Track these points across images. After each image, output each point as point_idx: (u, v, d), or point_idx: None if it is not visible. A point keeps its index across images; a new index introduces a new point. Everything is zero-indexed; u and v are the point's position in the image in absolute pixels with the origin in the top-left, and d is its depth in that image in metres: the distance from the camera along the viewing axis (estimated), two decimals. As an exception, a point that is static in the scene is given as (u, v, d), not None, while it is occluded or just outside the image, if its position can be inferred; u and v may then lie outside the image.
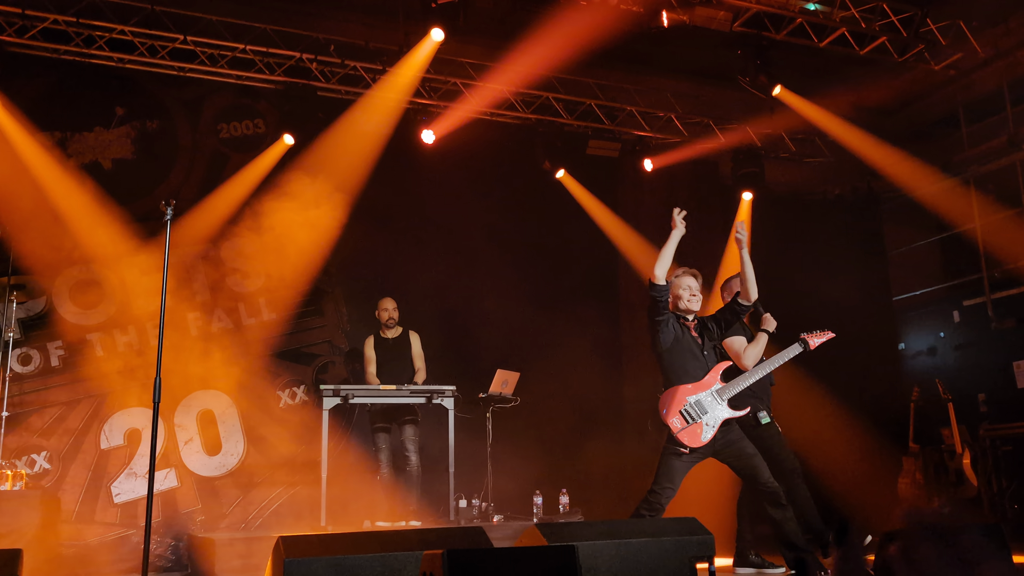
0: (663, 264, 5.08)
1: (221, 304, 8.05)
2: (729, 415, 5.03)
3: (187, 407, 7.80)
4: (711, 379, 5.08)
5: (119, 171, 7.91)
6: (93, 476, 7.39)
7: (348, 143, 8.34)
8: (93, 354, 7.58)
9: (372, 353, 7.49)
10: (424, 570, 3.00)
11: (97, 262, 7.59)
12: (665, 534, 3.92)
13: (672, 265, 5.17)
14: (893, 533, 3.99)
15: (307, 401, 8.11)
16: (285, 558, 3.22)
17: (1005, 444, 8.27)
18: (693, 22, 7.57)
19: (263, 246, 8.08)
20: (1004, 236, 9.07)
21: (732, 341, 5.57)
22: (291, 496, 7.89)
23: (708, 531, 4.10)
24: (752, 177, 9.57)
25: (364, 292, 8.22)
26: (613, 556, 3.63)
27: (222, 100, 8.44)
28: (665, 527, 4.08)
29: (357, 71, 8.31)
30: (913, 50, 8.17)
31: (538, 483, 7.72)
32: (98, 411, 7.53)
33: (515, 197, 9.20)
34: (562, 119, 9.08)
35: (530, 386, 7.96)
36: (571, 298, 9.08)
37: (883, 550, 3.91)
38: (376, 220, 8.52)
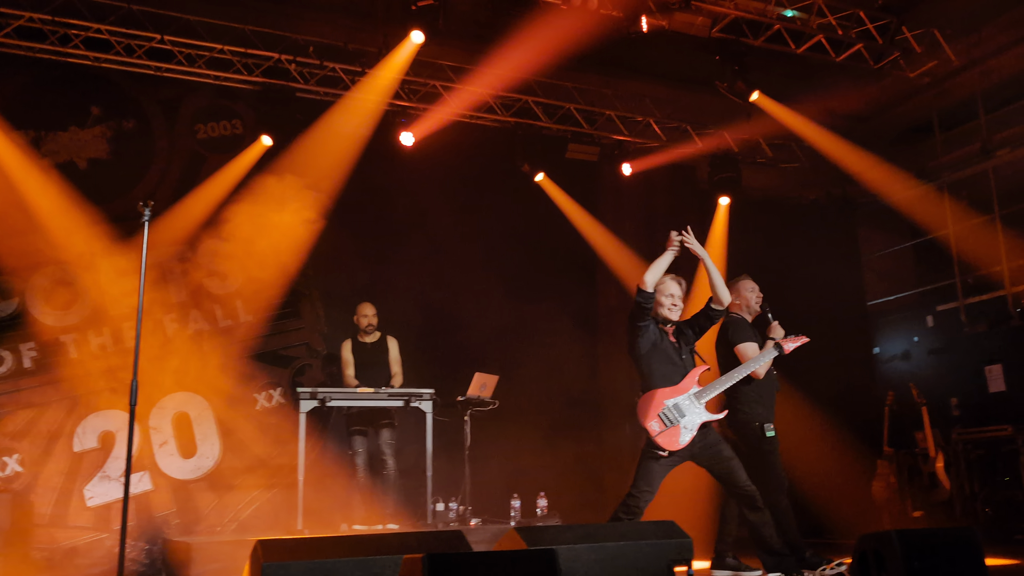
0: (655, 273, 5.11)
1: (197, 306, 7.99)
2: (707, 418, 5.05)
3: (162, 409, 7.73)
4: (688, 383, 5.11)
5: (94, 171, 7.83)
6: (66, 479, 7.30)
7: (327, 145, 8.30)
8: (67, 356, 7.50)
9: (350, 356, 7.47)
10: (404, 573, 2.99)
11: (71, 263, 7.51)
12: (644, 537, 3.93)
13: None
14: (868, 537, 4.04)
15: (284, 404, 8.06)
16: (263, 562, 3.19)
17: (977, 448, 8.37)
18: (672, 27, 7.61)
19: (240, 248, 8.02)
20: (977, 242, 9.19)
21: (745, 348, 5.59)
22: (267, 499, 7.84)
23: (686, 534, 4.12)
24: (729, 182, 9.63)
25: (342, 294, 8.20)
26: (592, 560, 3.64)
27: (199, 100, 8.38)
28: (644, 530, 4.09)
29: (336, 72, 8.28)
30: (889, 57, 8.27)
31: (516, 486, 7.73)
32: (71, 413, 7.44)
33: (494, 200, 9.21)
34: (541, 123, 9.09)
35: (509, 389, 7.96)
36: (550, 301, 9.09)
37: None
38: (354, 222, 8.49)
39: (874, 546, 3.81)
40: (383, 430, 7.33)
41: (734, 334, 5.64)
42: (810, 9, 7.73)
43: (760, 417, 5.51)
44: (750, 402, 5.55)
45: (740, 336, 5.62)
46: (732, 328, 5.70)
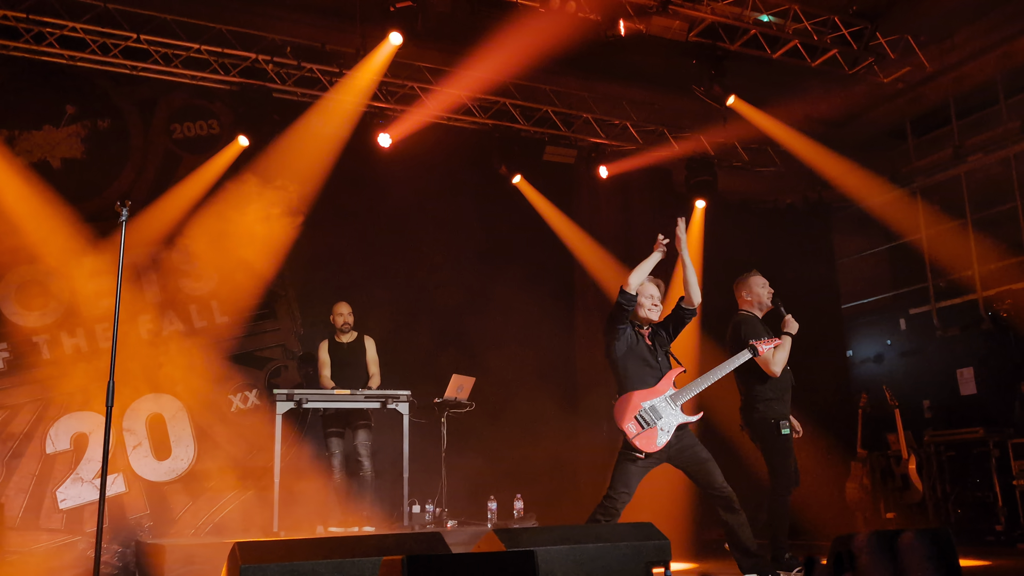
0: (639, 275, 5.13)
1: (172, 307, 7.93)
2: (683, 420, 5.08)
3: (136, 411, 7.67)
4: (664, 385, 5.13)
5: (69, 170, 7.75)
6: (38, 481, 7.22)
7: (304, 146, 8.27)
8: (39, 357, 7.41)
9: (326, 357, 7.44)
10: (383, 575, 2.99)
11: (45, 263, 7.43)
12: (622, 539, 3.95)
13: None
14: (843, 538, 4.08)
15: (259, 405, 8.02)
16: (241, 564, 3.18)
17: (949, 450, 8.47)
18: (649, 31, 7.65)
19: (216, 248, 7.98)
20: (949, 246, 9.31)
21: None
22: (243, 501, 7.79)
23: (664, 536, 4.14)
24: (705, 185, 9.69)
25: (319, 296, 8.17)
26: (570, 561, 3.65)
27: (176, 100, 8.32)
28: (622, 532, 4.11)
29: (313, 73, 8.25)
30: (863, 63, 8.35)
31: (493, 488, 7.73)
32: (44, 415, 7.36)
33: (471, 202, 9.22)
34: (519, 125, 9.11)
35: (486, 391, 7.96)
36: (527, 303, 9.10)
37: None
38: (331, 223, 8.47)
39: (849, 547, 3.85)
40: (359, 431, 7.31)
41: (744, 332, 5.62)
42: (786, 14, 7.80)
43: (776, 414, 5.53)
44: (766, 400, 5.56)
45: (749, 333, 5.59)
46: (742, 326, 5.68)
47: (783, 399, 5.63)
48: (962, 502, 8.21)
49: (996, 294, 8.87)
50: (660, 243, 5.21)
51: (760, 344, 5.44)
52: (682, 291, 5.35)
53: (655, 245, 5.21)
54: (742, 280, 6.03)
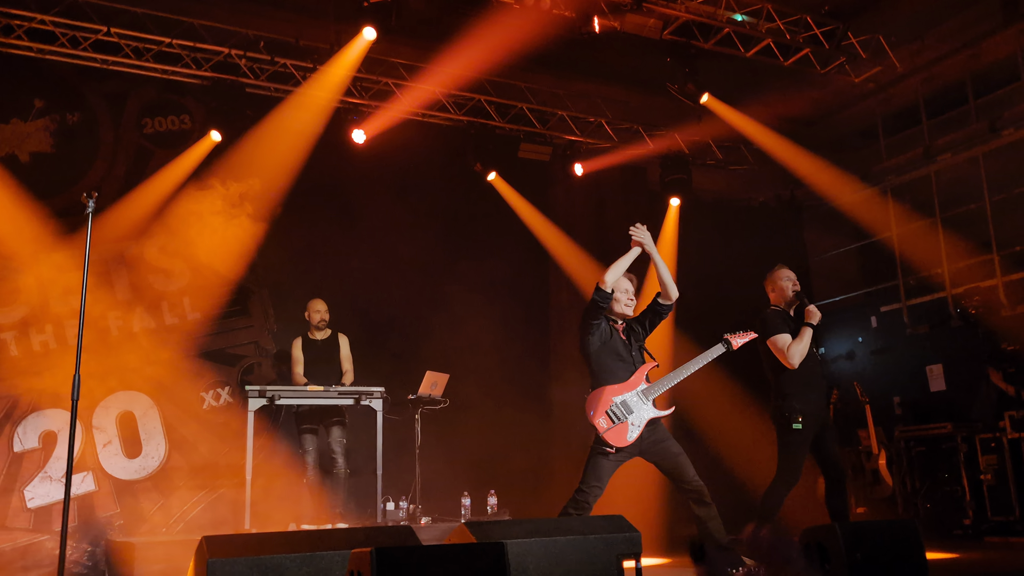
0: (615, 272, 5.14)
1: (143, 303, 7.85)
2: (654, 415, 5.09)
3: (106, 408, 7.58)
4: (637, 380, 5.14)
5: (37, 165, 7.65)
6: (5, 480, 7.13)
7: (277, 141, 8.22)
8: (7, 354, 7.32)
9: (300, 354, 7.41)
10: (352, 568, 2.98)
11: (12, 258, 7.33)
12: (593, 532, 3.95)
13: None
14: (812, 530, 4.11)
15: (231, 402, 7.96)
16: (208, 558, 3.15)
17: (919, 445, 8.57)
18: (624, 29, 7.68)
19: (187, 244, 7.92)
20: (919, 245, 9.42)
21: (777, 339, 5.59)
22: (214, 499, 7.73)
23: (635, 528, 4.15)
24: (679, 183, 9.74)
25: (292, 292, 8.12)
26: (541, 554, 3.66)
27: (147, 94, 8.24)
28: (593, 525, 4.12)
29: (287, 68, 8.20)
30: (835, 62, 8.43)
31: (466, 484, 7.72)
32: (11, 412, 7.26)
33: (446, 199, 9.21)
34: (494, 122, 9.10)
35: (460, 388, 7.95)
36: (501, 300, 9.10)
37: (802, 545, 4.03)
38: (305, 219, 8.43)
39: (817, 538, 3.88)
40: (333, 428, 7.28)
41: (767, 328, 5.61)
42: (759, 14, 7.85)
43: (790, 408, 5.49)
44: (784, 394, 5.54)
45: (771, 328, 5.58)
46: (764, 322, 5.67)
47: (805, 394, 5.55)
48: (931, 496, 8.31)
49: (965, 291, 8.98)
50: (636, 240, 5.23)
51: (734, 338, 5.45)
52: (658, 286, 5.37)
53: (632, 243, 5.23)
54: (768, 275, 6.01)
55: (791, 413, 5.49)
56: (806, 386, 5.58)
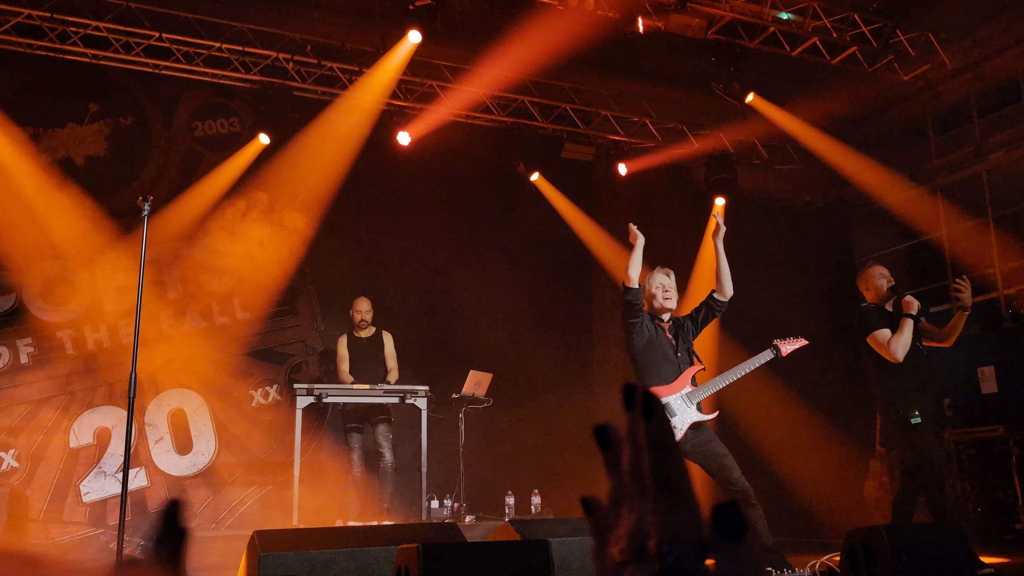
0: (634, 267, 5.16)
1: (194, 303, 8.02)
2: (698, 419, 5.07)
3: (158, 406, 7.75)
4: (682, 382, 5.13)
5: (92, 167, 7.86)
6: (62, 475, 7.32)
7: (324, 144, 8.34)
8: (63, 352, 7.51)
9: (345, 352, 7.50)
10: (399, 564, 3.03)
11: (69, 259, 7.54)
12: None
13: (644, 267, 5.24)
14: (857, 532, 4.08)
15: (280, 400, 8.09)
16: (260, 552, 3.23)
17: (969, 448, 8.42)
18: (668, 29, 7.65)
19: (237, 245, 8.08)
20: (969, 245, 9.24)
21: (877, 334, 5.37)
22: (263, 496, 7.87)
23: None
24: (724, 183, 9.68)
25: (338, 292, 8.23)
26: (585, 552, 3.67)
27: (197, 98, 8.41)
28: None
29: (333, 72, 8.32)
30: (883, 60, 8.32)
31: (510, 484, 7.76)
32: (67, 409, 7.46)
33: (489, 199, 9.26)
34: (537, 123, 9.13)
35: (503, 387, 7.99)
36: (544, 300, 9.13)
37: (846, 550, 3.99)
38: (351, 220, 8.54)
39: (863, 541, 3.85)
40: (380, 424, 7.36)
41: (865, 324, 5.42)
42: (805, 12, 7.78)
43: (905, 404, 5.23)
44: (892, 392, 5.30)
45: (869, 325, 5.39)
46: (861, 320, 5.49)
47: (916, 389, 5.27)
48: (982, 501, 8.16)
49: (1017, 292, 8.81)
50: (632, 231, 5.25)
51: (784, 344, 5.38)
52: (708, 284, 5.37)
53: (630, 237, 5.24)
54: (861, 273, 5.82)
55: (906, 409, 5.19)
56: (915, 380, 5.31)
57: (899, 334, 5.27)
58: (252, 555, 3.33)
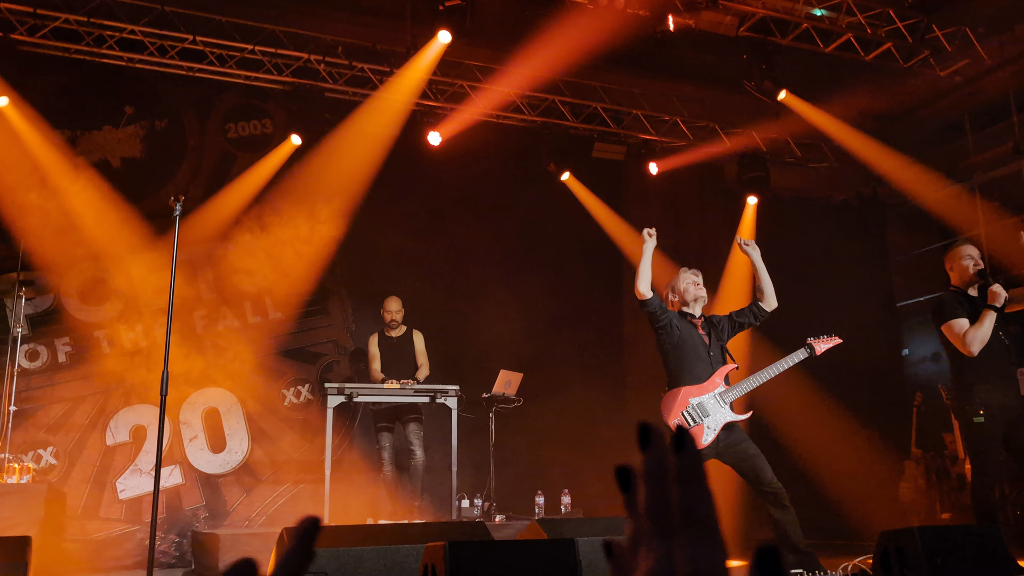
0: (643, 278, 5.14)
1: (227, 302, 8.10)
2: (732, 419, 5.03)
3: (192, 404, 7.84)
4: (715, 381, 5.09)
5: (128, 169, 7.97)
6: (98, 472, 7.43)
7: (355, 144, 8.39)
8: (100, 351, 7.62)
9: (376, 351, 7.53)
10: (426, 562, 3.04)
11: (105, 259, 7.65)
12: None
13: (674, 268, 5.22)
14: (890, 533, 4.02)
15: (311, 400, 8.15)
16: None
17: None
18: (699, 26, 7.61)
19: (269, 245, 8.15)
20: (1008, 243, 9.07)
21: (952, 324, 4.99)
22: (295, 494, 7.93)
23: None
24: (757, 182, 9.60)
25: (370, 292, 8.27)
26: (613, 552, 3.65)
27: (230, 100, 8.50)
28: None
29: (364, 73, 8.36)
30: (919, 56, 8.21)
31: (540, 484, 7.76)
32: (104, 407, 7.57)
33: (520, 199, 9.25)
34: (568, 122, 9.12)
35: (533, 387, 7.99)
36: (575, 300, 9.12)
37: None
38: (382, 220, 8.57)
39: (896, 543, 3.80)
40: (410, 423, 7.37)
41: (943, 312, 5.06)
42: (839, 8, 7.69)
43: (971, 401, 4.92)
44: (964, 384, 5.00)
45: (947, 312, 5.02)
46: (939, 306, 5.13)
47: (989, 384, 4.90)
48: (1020, 504, 8.01)
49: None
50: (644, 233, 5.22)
51: (818, 343, 5.30)
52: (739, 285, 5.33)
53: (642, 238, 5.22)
54: (948, 252, 5.37)
55: (971, 406, 4.91)
56: (990, 375, 4.92)
57: (977, 326, 4.88)
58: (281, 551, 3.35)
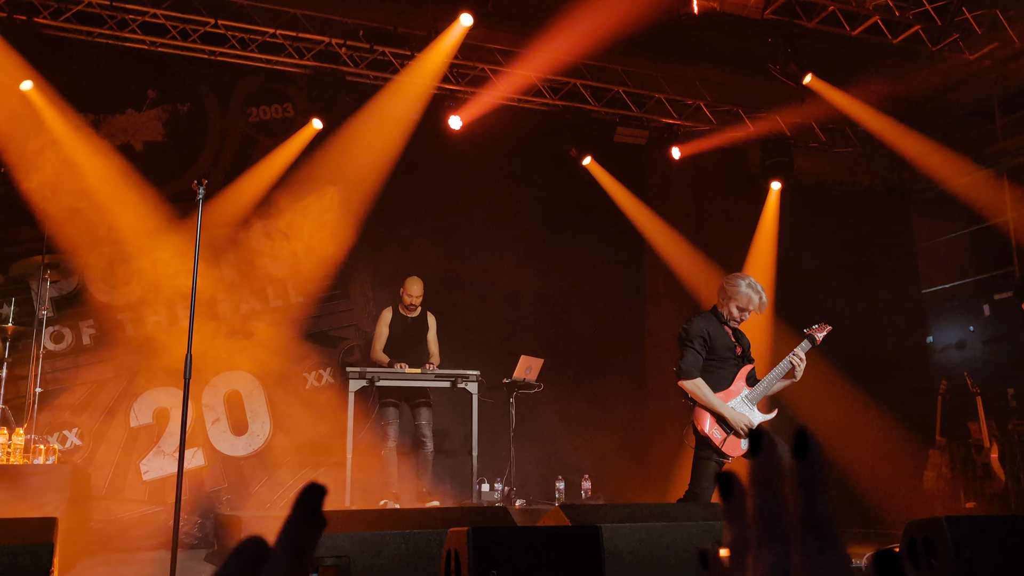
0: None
1: (249, 286, 8.12)
2: (761, 419, 4.96)
3: (214, 388, 7.88)
4: (739, 385, 5.00)
5: (150, 153, 7.99)
6: (123, 454, 7.49)
7: (376, 128, 8.38)
8: (124, 334, 7.67)
9: (385, 329, 7.39)
10: (449, 547, 3.03)
11: (128, 242, 7.68)
12: (690, 518, 3.92)
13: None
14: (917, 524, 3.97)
15: (333, 383, 8.17)
16: (312, 533, 3.25)
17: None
18: (724, 9, 7.51)
19: (291, 229, 8.16)
20: (1037, 229, 8.96)
21: None
22: (316, 477, 7.93)
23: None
24: (781, 166, 9.50)
25: (391, 276, 8.26)
26: (637, 539, 3.64)
27: (252, 84, 8.49)
28: (690, 511, 4.08)
29: (385, 56, 8.33)
30: (947, 39, 8.07)
31: (560, 469, 7.75)
32: (128, 390, 7.62)
33: (541, 183, 9.21)
34: (590, 106, 9.06)
35: (554, 372, 7.97)
36: (596, 285, 9.08)
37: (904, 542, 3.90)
38: (403, 205, 8.57)
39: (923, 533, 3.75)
40: (421, 409, 7.26)
41: None
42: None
43: None
44: None
45: None
46: None
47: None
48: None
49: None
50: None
51: (816, 332, 5.20)
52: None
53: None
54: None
55: None
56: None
57: None
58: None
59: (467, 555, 2.86)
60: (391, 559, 3.23)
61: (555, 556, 2.93)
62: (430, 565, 3.24)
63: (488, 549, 2.87)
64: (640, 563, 3.55)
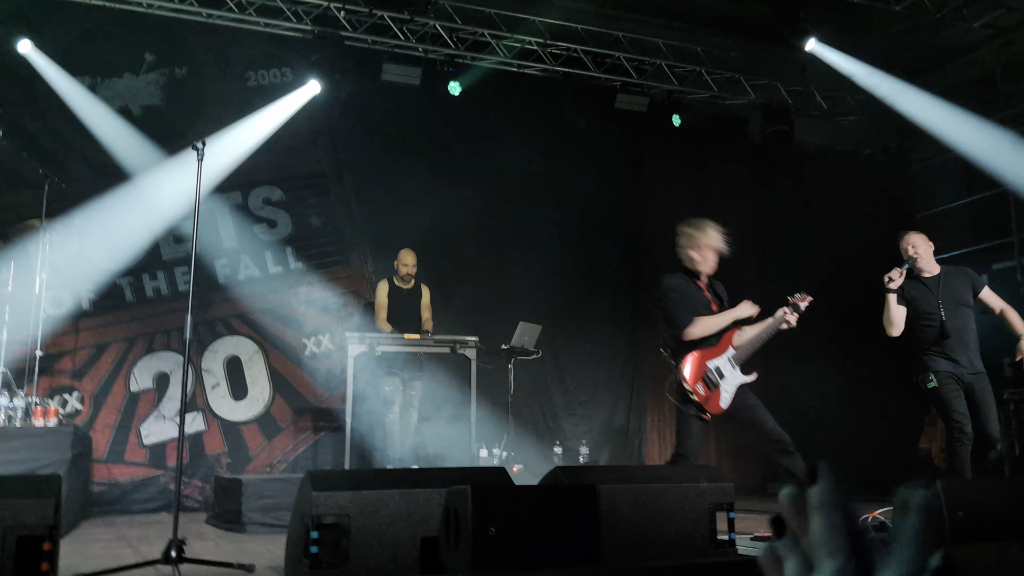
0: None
1: (247, 251, 8.11)
2: (744, 381, 4.96)
3: (214, 353, 7.91)
4: (725, 343, 5.01)
5: (148, 117, 7.94)
6: (123, 418, 7.53)
7: (375, 93, 8.32)
8: (123, 299, 7.68)
9: (385, 300, 7.46)
10: (448, 506, 3.06)
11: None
12: (686, 480, 3.95)
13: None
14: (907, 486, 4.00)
15: (332, 349, 8.19)
16: (312, 491, 3.28)
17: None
18: (726, -26, 7.46)
19: (290, 194, 8.14)
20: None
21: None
22: (315, 442, 8.01)
23: (729, 479, 4.13)
24: (782, 135, 9.47)
25: (389, 243, 8.24)
26: (633, 500, 3.68)
27: (250, 48, 8.43)
28: (685, 474, 4.12)
29: (384, 20, 8.26)
30: (951, 6, 8.01)
31: (558, 434, 7.80)
32: (128, 354, 7.65)
33: (540, 149, 9.16)
34: (590, 72, 8.99)
35: (551, 339, 7.99)
36: (593, 252, 9.09)
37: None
38: (402, 171, 8.53)
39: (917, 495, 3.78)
40: (415, 382, 7.36)
41: None
42: (870, -45, 7.51)
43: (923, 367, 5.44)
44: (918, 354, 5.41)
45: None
46: None
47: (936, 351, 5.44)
48: (1041, 461, 7.99)
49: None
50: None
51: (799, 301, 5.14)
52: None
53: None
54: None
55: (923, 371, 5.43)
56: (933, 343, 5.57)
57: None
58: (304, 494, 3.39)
59: (467, 513, 2.89)
60: (391, 517, 3.27)
61: (553, 515, 2.96)
62: (429, 524, 3.27)
63: (488, 507, 2.90)
64: (635, 523, 3.59)
